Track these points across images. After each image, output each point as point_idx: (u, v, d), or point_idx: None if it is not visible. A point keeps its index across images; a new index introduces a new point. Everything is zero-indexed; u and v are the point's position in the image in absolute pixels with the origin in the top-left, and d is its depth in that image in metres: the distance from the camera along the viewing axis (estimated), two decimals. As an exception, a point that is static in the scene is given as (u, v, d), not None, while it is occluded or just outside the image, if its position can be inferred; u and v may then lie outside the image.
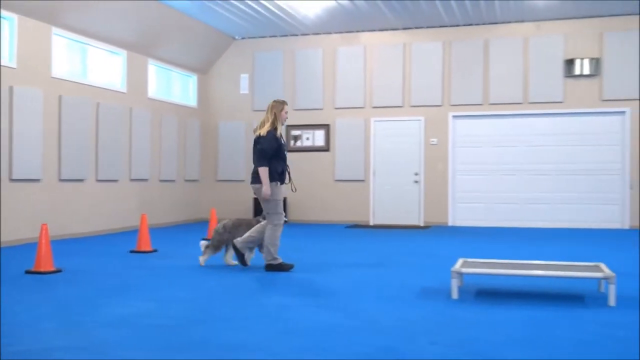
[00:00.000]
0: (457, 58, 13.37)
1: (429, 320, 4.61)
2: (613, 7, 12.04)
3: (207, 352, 3.75)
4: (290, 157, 14.14)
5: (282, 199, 7.00)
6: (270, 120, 6.98)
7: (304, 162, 14.18)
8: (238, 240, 7.10)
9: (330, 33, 14.05)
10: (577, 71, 12.64)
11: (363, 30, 13.85)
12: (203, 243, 7.47)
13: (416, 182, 13.59)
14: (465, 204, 13.42)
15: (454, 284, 5.41)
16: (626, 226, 12.56)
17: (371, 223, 13.80)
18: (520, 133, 13.14)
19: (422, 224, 13.52)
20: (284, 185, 7.07)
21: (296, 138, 14.24)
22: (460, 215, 13.45)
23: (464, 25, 13.30)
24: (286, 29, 13.74)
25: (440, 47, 13.45)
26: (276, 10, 12.36)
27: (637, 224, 12.48)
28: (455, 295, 5.39)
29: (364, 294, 5.62)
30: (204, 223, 13.68)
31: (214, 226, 10.38)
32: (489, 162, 13.28)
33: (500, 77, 13.14)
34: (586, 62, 12.59)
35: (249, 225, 7.34)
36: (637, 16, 12.44)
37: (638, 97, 12.46)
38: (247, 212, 14.29)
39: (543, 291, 5.77)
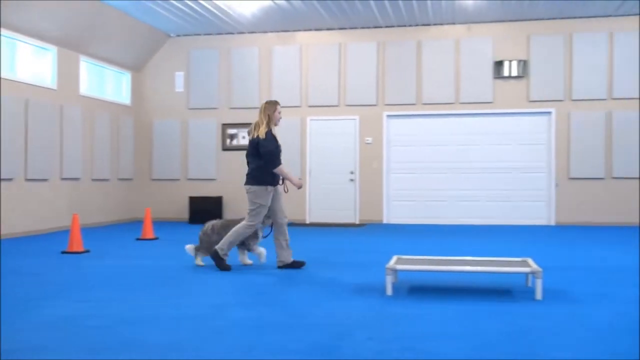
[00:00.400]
0: (391, 58, 13.59)
1: (364, 316, 4.71)
2: (539, 11, 12.48)
3: (141, 352, 3.73)
4: (226, 156, 14.14)
5: (268, 204, 6.94)
6: (265, 122, 6.97)
7: (240, 161, 14.13)
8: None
9: (266, 32, 14.05)
10: (505, 73, 13.05)
11: (299, 30, 13.91)
12: (189, 247, 7.38)
13: (351, 180, 13.75)
14: (400, 201, 13.67)
15: (389, 280, 5.53)
16: (552, 222, 13.05)
17: (307, 221, 13.89)
18: (452, 132, 13.47)
19: (357, 222, 13.70)
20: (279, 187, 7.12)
21: (232, 137, 14.19)
22: (394, 213, 13.69)
23: (398, 26, 13.54)
24: (222, 27, 13.67)
25: (375, 48, 13.64)
26: (212, 9, 12.29)
27: (562, 221, 12.98)
28: (389, 291, 5.51)
29: (299, 291, 5.68)
30: (138, 223, 13.48)
31: (148, 226, 10.28)
32: (422, 160, 13.56)
33: (432, 77, 13.43)
34: (514, 64, 13.01)
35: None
36: (562, 20, 12.94)
37: (562, 99, 12.97)
38: (183, 211, 14.16)
39: (474, 286, 5.96)
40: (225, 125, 14.20)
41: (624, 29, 12.77)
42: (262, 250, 7.35)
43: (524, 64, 13.03)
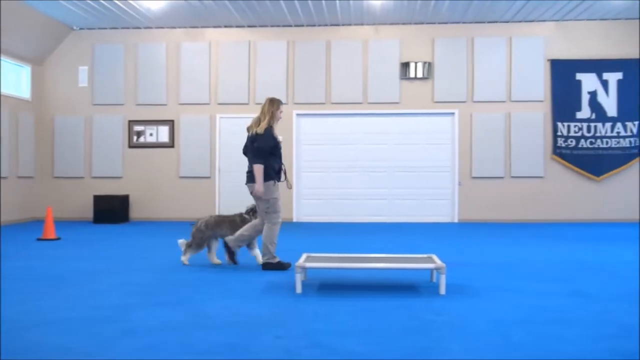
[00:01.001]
0: (301, 58, 13.67)
1: (273, 314, 4.73)
2: (443, 15, 12.88)
3: (43, 356, 3.61)
4: (133, 153, 13.82)
5: (279, 197, 6.92)
6: (266, 119, 6.88)
7: (147, 159, 13.86)
8: (230, 239, 6.95)
9: (174, 27, 13.82)
10: (411, 74, 13.39)
11: (208, 26, 13.76)
12: (182, 242, 7.23)
13: (261, 178, 13.72)
14: (309, 200, 13.78)
15: (298, 278, 5.58)
16: (455, 220, 13.51)
17: (216, 220, 13.75)
18: (361, 131, 13.70)
19: (267, 220, 13.68)
20: (281, 183, 7.03)
21: (139, 134, 13.88)
22: (304, 211, 13.78)
23: (308, 25, 13.63)
24: (128, 21, 13.34)
25: (285, 47, 13.69)
26: (118, 2, 11.97)
27: (465, 218, 13.46)
28: (299, 289, 5.56)
29: (207, 291, 5.64)
30: (39, 222, 12.96)
31: (50, 225, 9.91)
32: (332, 159, 13.72)
33: (341, 77, 13.61)
34: (420, 65, 13.37)
35: (231, 223, 7.19)
36: (464, 24, 13.41)
37: (465, 100, 13.44)
38: (87, 210, 13.71)
39: (381, 282, 6.10)
40: (132, 122, 13.87)
41: (522, 34, 13.38)
42: (257, 252, 7.23)
43: (429, 66, 13.42)
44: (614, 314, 4.72)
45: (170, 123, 13.84)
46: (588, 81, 13.30)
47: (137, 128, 13.89)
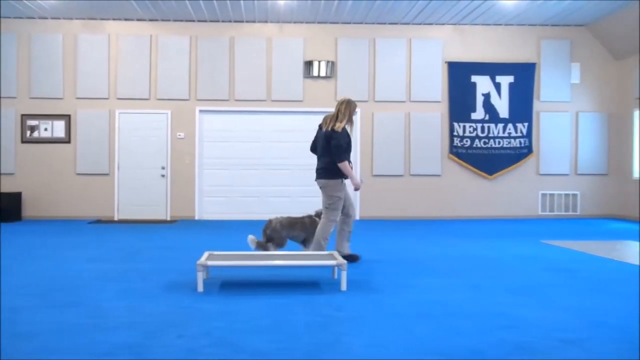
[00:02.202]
0: (204, 53, 13.51)
1: (174, 314, 4.68)
2: (345, 15, 13.08)
3: None
4: (27, 149, 13.23)
5: (343, 197, 7.10)
6: (345, 119, 7.02)
7: (42, 155, 13.30)
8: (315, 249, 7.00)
9: (71, 19, 13.33)
10: (315, 72, 13.52)
11: (107, 19, 13.36)
12: (252, 238, 7.16)
13: (163, 176, 13.49)
14: (212, 197, 13.65)
15: (200, 277, 5.54)
16: (357, 217, 13.75)
17: (116, 218, 13.41)
18: (264, 129, 13.70)
19: (168, 218, 13.47)
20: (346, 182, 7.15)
21: (33, 128, 13.29)
22: (206, 209, 13.64)
23: (211, 21, 13.49)
24: (21, 10, 12.74)
25: (188, 42, 13.49)
26: (9, -10, 11.42)
27: (366, 215, 13.73)
28: (200, 288, 5.52)
29: (107, 291, 5.50)
30: None
31: None
32: (235, 156, 13.65)
33: (245, 74, 13.56)
34: (323, 64, 13.52)
35: (302, 224, 7.27)
36: (367, 25, 13.67)
37: (367, 99, 13.70)
38: (-25, 208, 13.01)
39: (283, 280, 6.14)
40: (25, 116, 13.26)
41: (421, 37, 13.79)
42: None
43: (332, 65, 13.59)
44: (505, 307, 4.97)
45: (67, 117, 13.34)
46: (482, 83, 13.88)
47: (31, 122, 13.30)
